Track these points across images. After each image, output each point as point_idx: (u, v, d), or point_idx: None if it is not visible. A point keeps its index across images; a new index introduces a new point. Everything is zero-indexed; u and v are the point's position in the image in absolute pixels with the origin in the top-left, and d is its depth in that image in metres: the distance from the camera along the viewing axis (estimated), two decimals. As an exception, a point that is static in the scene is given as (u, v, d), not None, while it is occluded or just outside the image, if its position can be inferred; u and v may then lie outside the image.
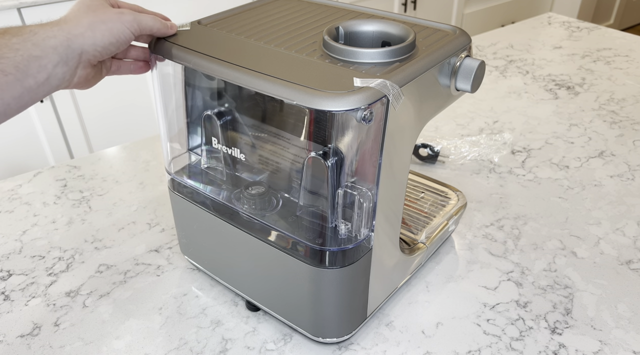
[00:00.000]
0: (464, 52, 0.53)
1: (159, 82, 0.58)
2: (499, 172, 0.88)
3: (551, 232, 0.75)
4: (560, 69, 1.25)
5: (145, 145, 0.97)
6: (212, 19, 0.59)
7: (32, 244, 0.74)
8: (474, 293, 0.65)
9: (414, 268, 0.65)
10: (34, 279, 0.68)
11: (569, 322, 0.61)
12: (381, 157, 0.47)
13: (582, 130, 1.00)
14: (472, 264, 0.69)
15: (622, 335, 0.59)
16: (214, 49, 0.51)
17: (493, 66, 1.27)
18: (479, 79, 0.53)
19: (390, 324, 0.61)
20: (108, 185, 0.87)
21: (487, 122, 1.03)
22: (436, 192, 0.75)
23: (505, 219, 0.77)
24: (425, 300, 0.64)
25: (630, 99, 1.11)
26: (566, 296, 0.64)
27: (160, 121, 0.61)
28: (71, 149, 1.81)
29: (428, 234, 0.66)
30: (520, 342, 0.58)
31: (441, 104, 0.55)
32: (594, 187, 0.84)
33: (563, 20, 1.54)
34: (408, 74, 0.47)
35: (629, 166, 0.90)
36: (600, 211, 0.79)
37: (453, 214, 0.70)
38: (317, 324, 0.56)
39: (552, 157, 0.92)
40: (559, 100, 1.11)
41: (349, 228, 0.51)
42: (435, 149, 0.90)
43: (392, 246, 0.58)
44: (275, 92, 0.44)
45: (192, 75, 0.56)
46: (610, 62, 1.28)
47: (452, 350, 0.58)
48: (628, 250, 0.71)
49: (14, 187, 0.87)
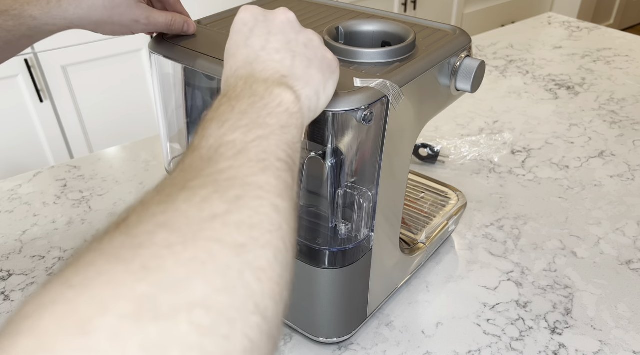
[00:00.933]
0: (464, 52, 0.53)
1: (159, 82, 0.58)
2: (499, 172, 0.88)
3: (551, 232, 0.75)
4: (560, 69, 1.25)
5: (145, 145, 0.97)
6: (212, 19, 0.59)
7: (32, 244, 0.74)
8: (474, 293, 0.65)
9: (414, 268, 0.65)
10: (34, 279, 0.68)
11: (569, 322, 0.61)
12: (381, 157, 0.47)
13: (582, 130, 1.00)
14: (472, 264, 0.69)
15: (622, 335, 0.59)
16: (214, 49, 0.51)
17: (493, 66, 1.27)
18: (479, 79, 0.53)
19: (390, 324, 0.61)
20: (108, 185, 0.87)
21: (487, 122, 1.03)
22: (436, 192, 0.75)
23: (505, 219, 0.77)
24: (425, 300, 0.64)
25: (630, 99, 1.11)
26: (566, 296, 0.64)
27: (160, 121, 0.61)
28: (71, 149, 1.81)
29: (428, 234, 0.66)
30: (520, 342, 0.58)
31: (441, 104, 0.55)
32: (594, 187, 0.84)
33: (563, 20, 1.54)
34: (408, 74, 0.47)
35: (629, 166, 0.90)
36: (600, 211, 0.79)
37: (453, 214, 0.70)
38: (317, 324, 0.56)
39: (552, 157, 0.92)
40: (559, 100, 1.11)
41: (349, 228, 0.51)
42: (435, 149, 0.90)
43: (392, 246, 0.58)
44: (275, 92, 0.44)
45: (192, 75, 0.56)
46: (610, 62, 1.28)
47: (452, 350, 0.58)
48: (628, 250, 0.71)
49: (14, 187, 0.87)
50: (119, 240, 0.20)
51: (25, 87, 1.63)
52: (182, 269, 0.19)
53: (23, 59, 1.60)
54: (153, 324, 0.17)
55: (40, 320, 0.17)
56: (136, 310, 0.17)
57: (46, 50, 1.64)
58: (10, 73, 1.60)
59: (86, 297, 0.18)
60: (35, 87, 1.64)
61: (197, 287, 0.19)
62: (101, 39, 1.71)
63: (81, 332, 0.16)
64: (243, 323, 0.20)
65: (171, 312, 0.18)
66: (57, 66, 1.67)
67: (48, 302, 0.17)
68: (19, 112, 1.66)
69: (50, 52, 1.65)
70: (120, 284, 0.18)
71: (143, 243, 0.20)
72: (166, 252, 0.20)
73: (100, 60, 1.75)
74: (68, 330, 0.16)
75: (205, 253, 0.20)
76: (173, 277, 0.19)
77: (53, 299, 0.18)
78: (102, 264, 0.19)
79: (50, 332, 0.16)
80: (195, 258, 0.20)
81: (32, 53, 1.62)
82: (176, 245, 0.20)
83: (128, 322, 0.17)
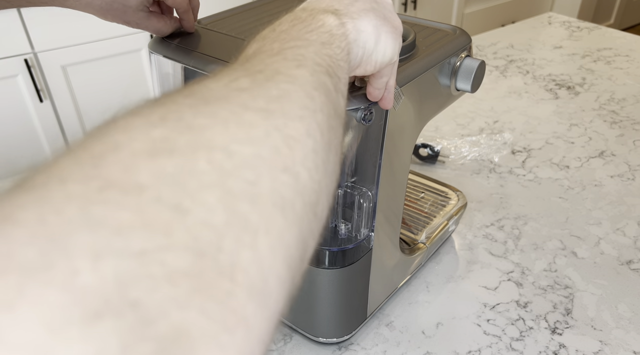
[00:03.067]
0: (464, 52, 0.53)
1: (159, 82, 0.58)
2: (499, 172, 0.88)
3: (551, 232, 0.75)
4: (560, 69, 1.25)
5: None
6: (212, 19, 0.59)
7: (32, 244, 0.74)
8: (474, 293, 0.65)
9: (414, 268, 0.65)
10: (33, 279, 0.68)
11: (569, 322, 0.61)
12: (381, 157, 0.47)
13: (583, 130, 1.00)
14: (472, 264, 0.69)
15: (622, 336, 0.59)
16: (214, 49, 0.51)
17: (493, 66, 1.27)
18: (479, 79, 0.53)
19: (390, 324, 0.61)
20: (108, 185, 0.86)
21: (487, 122, 1.03)
22: (436, 192, 0.75)
23: (506, 219, 0.77)
24: (426, 301, 0.64)
25: (630, 98, 1.11)
26: (566, 296, 0.64)
27: (160, 121, 0.60)
28: (71, 148, 1.81)
29: (428, 234, 0.66)
30: (521, 342, 0.58)
31: (441, 104, 0.55)
32: (594, 187, 0.84)
33: (563, 20, 1.54)
34: (408, 73, 0.47)
35: (629, 166, 0.89)
36: (601, 211, 0.79)
37: (453, 214, 0.70)
38: (317, 324, 0.56)
39: (553, 157, 0.92)
40: (559, 100, 1.11)
41: (349, 228, 0.51)
42: (435, 149, 0.90)
43: (392, 246, 0.58)
44: (275, 92, 0.44)
45: (192, 75, 0.56)
46: (610, 62, 1.28)
47: (452, 350, 0.58)
48: (628, 251, 0.71)
49: (14, 187, 0.86)
50: (141, 106, 0.20)
51: (25, 87, 1.63)
52: (202, 119, 0.19)
53: (23, 59, 1.60)
54: (168, 158, 0.17)
55: (56, 161, 0.17)
56: (150, 148, 0.17)
57: (46, 50, 1.64)
58: (10, 73, 1.60)
59: (101, 140, 0.17)
60: (35, 87, 1.64)
61: (217, 134, 0.18)
62: (101, 39, 1.71)
63: (93, 164, 0.16)
64: (270, 177, 0.19)
65: (188, 150, 0.17)
66: (57, 66, 1.67)
67: (66, 151, 0.17)
68: (19, 112, 1.66)
69: (50, 52, 1.65)
70: (135, 129, 0.18)
71: (164, 103, 0.20)
72: (187, 109, 0.19)
73: (100, 60, 1.75)
74: (81, 165, 0.16)
75: (227, 112, 0.20)
76: (192, 124, 0.18)
77: (71, 148, 0.17)
78: (120, 118, 0.19)
79: (63, 168, 0.16)
80: (216, 113, 0.19)
81: (32, 53, 1.62)
82: (198, 105, 0.20)
83: (142, 157, 0.17)
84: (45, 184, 0.16)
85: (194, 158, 0.17)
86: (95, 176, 0.16)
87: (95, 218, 0.15)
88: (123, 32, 1.73)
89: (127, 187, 0.16)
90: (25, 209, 0.15)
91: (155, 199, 0.16)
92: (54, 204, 0.15)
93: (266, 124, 0.20)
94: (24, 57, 1.60)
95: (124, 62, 1.79)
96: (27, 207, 0.15)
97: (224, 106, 0.20)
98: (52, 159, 0.17)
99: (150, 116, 0.19)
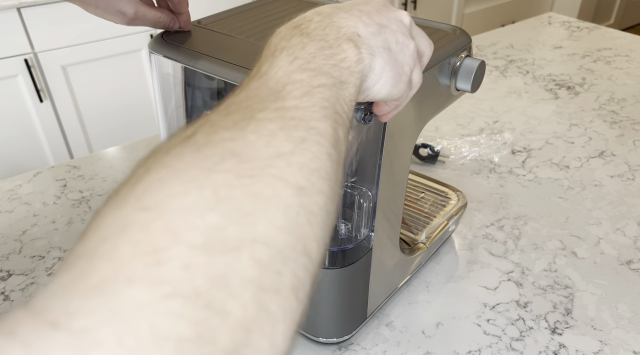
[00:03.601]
0: (464, 52, 0.53)
1: (158, 82, 0.58)
2: (499, 172, 0.88)
3: (551, 232, 0.75)
4: (560, 69, 1.25)
5: (145, 145, 0.97)
6: (212, 19, 0.59)
7: (32, 244, 0.74)
8: (474, 293, 0.65)
9: (414, 268, 0.65)
10: (33, 279, 0.68)
11: (569, 322, 0.61)
12: (381, 157, 0.47)
13: (583, 130, 1.00)
14: (472, 264, 0.69)
15: (622, 336, 0.59)
16: (214, 49, 0.51)
17: (493, 66, 1.27)
18: (479, 79, 0.53)
19: (390, 324, 0.61)
20: (108, 185, 0.87)
21: (487, 122, 1.03)
22: (436, 192, 0.75)
23: (506, 219, 0.77)
24: (426, 301, 0.64)
25: (630, 98, 1.11)
26: (566, 296, 0.64)
27: (160, 121, 0.61)
28: (71, 148, 1.81)
29: (428, 234, 0.66)
30: (521, 342, 0.58)
31: (441, 104, 0.55)
32: (594, 187, 0.84)
33: (563, 20, 1.54)
34: (408, 73, 0.47)
35: (629, 166, 0.90)
36: (601, 211, 0.79)
37: (453, 214, 0.70)
38: (317, 324, 0.56)
39: (553, 157, 0.92)
40: (559, 100, 1.11)
41: (349, 228, 0.51)
42: (435, 149, 0.90)
43: (392, 246, 0.58)
44: (275, 92, 0.44)
45: (192, 75, 0.56)
46: (610, 62, 1.28)
47: (452, 350, 0.58)
48: (628, 250, 0.71)
49: (14, 187, 0.86)
50: (189, 157, 0.21)
51: (25, 87, 1.63)
52: (249, 202, 0.20)
53: (23, 59, 1.60)
54: (220, 256, 0.18)
55: (117, 245, 0.18)
56: (206, 242, 0.18)
57: (46, 50, 1.64)
58: (10, 73, 1.60)
59: (160, 224, 0.18)
60: (35, 87, 1.64)
61: (261, 223, 0.20)
62: (101, 39, 1.71)
63: (156, 261, 0.17)
64: (294, 262, 0.20)
65: (237, 246, 0.19)
66: (57, 66, 1.67)
67: (124, 225, 0.18)
68: (19, 112, 1.66)
69: (50, 52, 1.65)
70: (192, 212, 0.19)
71: (214, 167, 0.21)
72: (236, 183, 0.20)
73: (100, 60, 1.75)
74: (144, 259, 0.17)
75: (271, 190, 0.21)
76: (241, 210, 0.20)
77: (128, 223, 0.18)
78: (174, 184, 0.20)
79: (128, 259, 0.17)
80: (262, 193, 0.21)
81: (32, 53, 1.62)
82: (245, 177, 0.21)
83: (199, 253, 0.18)
84: (112, 282, 0.17)
85: (240, 255, 0.19)
86: (159, 281, 0.17)
87: (162, 335, 0.16)
88: (123, 33, 1.73)
89: (188, 295, 0.17)
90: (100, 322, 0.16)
91: (207, 305, 0.17)
92: (126, 320, 0.16)
93: (298, 203, 0.22)
94: (24, 57, 1.60)
95: (124, 62, 1.79)
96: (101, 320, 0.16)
97: (268, 182, 0.21)
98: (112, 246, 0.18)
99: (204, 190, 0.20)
